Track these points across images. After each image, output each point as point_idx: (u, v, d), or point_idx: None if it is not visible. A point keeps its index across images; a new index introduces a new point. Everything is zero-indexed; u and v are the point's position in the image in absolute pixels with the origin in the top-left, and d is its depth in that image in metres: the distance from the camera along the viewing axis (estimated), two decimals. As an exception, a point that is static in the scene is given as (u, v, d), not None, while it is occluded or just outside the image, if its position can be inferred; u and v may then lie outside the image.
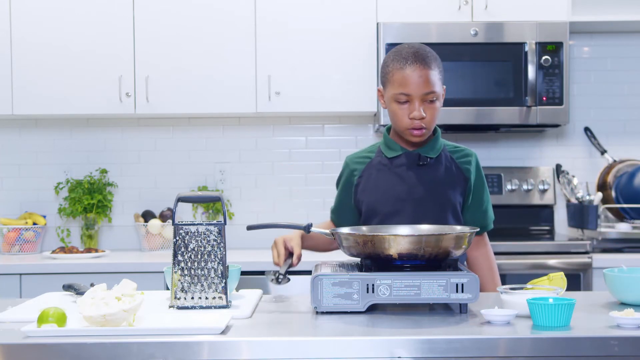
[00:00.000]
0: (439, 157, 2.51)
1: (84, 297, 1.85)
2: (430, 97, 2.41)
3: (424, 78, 2.39)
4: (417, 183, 2.48)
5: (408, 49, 2.43)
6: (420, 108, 2.40)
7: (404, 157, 2.50)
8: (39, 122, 4.21)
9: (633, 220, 4.02)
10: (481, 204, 2.56)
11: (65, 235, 4.15)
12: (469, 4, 3.87)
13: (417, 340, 1.75)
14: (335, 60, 3.89)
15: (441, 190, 2.48)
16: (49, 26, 3.86)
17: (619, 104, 4.30)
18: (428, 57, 2.41)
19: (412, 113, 2.41)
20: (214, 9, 3.88)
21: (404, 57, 2.41)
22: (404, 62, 2.40)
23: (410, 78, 2.39)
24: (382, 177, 2.51)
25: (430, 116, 2.42)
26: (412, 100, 2.41)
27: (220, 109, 3.90)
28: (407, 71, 2.40)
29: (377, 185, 2.51)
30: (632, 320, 1.83)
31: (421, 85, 2.39)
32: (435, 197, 2.47)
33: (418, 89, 2.39)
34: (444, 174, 2.50)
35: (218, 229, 2.09)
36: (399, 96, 2.41)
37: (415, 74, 2.39)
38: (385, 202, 2.48)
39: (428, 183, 2.48)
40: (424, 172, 2.49)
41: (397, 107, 2.44)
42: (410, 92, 2.40)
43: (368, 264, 2.08)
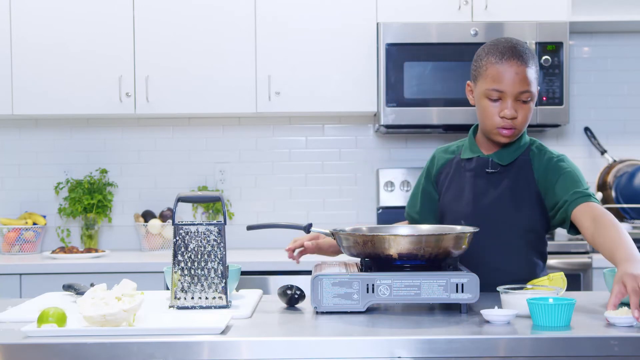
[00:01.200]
0: (512, 164, 2.35)
1: (84, 297, 1.85)
2: (524, 96, 2.26)
3: (520, 75, 2.25)
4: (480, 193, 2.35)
5: (505, 43, 2.29)
6: (512, 107, 2.26)
7: (475, 161, 2.38)
8: (39, 122, 4.21)
9: (633, 220, 4.02)
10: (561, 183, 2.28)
11: (65, 235, 4.15)
12: (469, 4, 3.87)
13: (417, 340, 1.75)
14: (335, 60, 3.89)
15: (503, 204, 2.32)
16: (49, 26, 3.86)
17: (619, 104, 4.30)
18: (526, 53, 2.27)
19: (504, 111, 2.27)
20: (214, 9, 3.88)
21: (500, 51, 2.27)
22: (500, 57, 2.26)
23: (506, 74, 2.25)
24: (455, 179, 2.41)
25: (522, 117, 2.27)
26: (505, 98, 2.27)
27: (220, 109, 3.90)
28: (503, 66, 2.25)
29: (449, 187, 2.42)
30: (625, 319, 1.83)
31: (517, 82, 2.25)
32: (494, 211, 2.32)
33: (513, 86, 2.25)
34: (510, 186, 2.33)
35: (218, 229, 2.09)
36: (491, 92, 2.27)
37: (512, 70, 2.24)
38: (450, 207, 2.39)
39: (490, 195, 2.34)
40: (489, 182, 2.35)
41: (488, 104, 2.29)
42: (504, 89, 2.26)
43: (368, 264, 2.08)
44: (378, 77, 3.85)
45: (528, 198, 2.33)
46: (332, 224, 3.50)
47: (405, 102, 3.82)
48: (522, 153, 2.37)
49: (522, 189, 2.33)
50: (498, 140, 2.33)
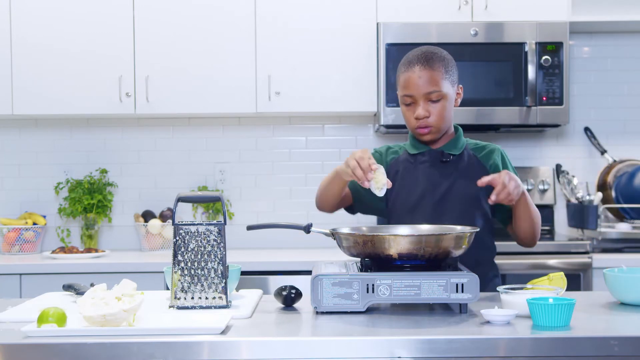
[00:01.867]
0: (461, 155, 2.54)
1: (84, 297, 1.85)
2: (433, 96, 2.45)
3: (424, 78, 2.44)
4: (440, 179, 2.51)
5: (415, 52, 2.50)
6: (423, 108, 2.45)
7: (427, 154, 2.54)
8: (39, 122, 4.21)
9: (633, 220, 4.02)
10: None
11: (65, 235, 4.15)
12: (469, 4, 3.87)
13: (417, 340, 1.75)
14: (335, 60, 3.89)
15: (464, 185, 2.49)
16: (49, 26, 3.86)
17: (619, 104, 4.30)
18: (432, 58, 2.46)
19: (416, 112, 2.46)
20: (214, 9, 3.88)
21: (409, 61, 2.48)
22: (407, 65, 2.48)
23: (411, 79, 2.45)
24: (407, 174, 2.54)
25: (435, 115, 2.46)
26: (416, 101, 2.46)
27: (220, 109, 3.90)
28: (409, 73, 2.46)
29: (401, 182, 2.53)
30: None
31: (421, 85, 2.44)
32: (457, 192, 2.49)
33: (418, 89, 2.45)
34: (467, 170, 2.52)
35: (218, 229, 2.09)
36: (404, 98, 2.48)
37: (415, 75, 2.45)
38: (408, 198, 2.51)
39: (450, 179, 2.50)
40: (446, 169, 2.52)
41: (405, 109, 2.50)
42: (412, 93, 2.46)
43: (368, 264, 2.08)
44: (378, 77, 3.85)
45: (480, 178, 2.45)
46: (332, 224, 3.49)
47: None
48: (464, 149, 2.55)
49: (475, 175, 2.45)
50: (422, 139, 2.53)
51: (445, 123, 2.50)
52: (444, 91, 2.45)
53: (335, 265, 2.17)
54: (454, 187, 2.50)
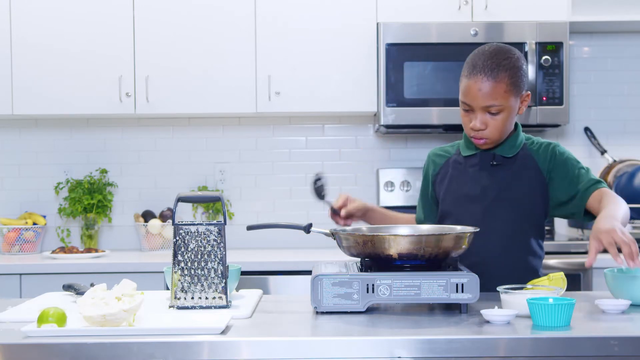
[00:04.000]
0: (516, 156, 2.41)
1: (84, 297, 1.85)
2: (493, 109, 2.31)
3: (484, 90, 2.30)
4: (489, 185, 2.40)
5: (482, 56, 2.33)
6: (480, 120, 2.33)
7: (479, 156, 2.43)
8: (39, 122, 4.21)
9: (633, 220, 4.02)
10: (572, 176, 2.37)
11: (65, 235, 4.15)
12: (469, 4, 3.87)
13: (417, 340, 1.75)
14: (335, 60, 3.89)
15: (514, 191, 2.39)
16: (49, 26, 3.86)
17: (619, 104, 4.30)
18: (499, 67, 2.30)
19: (472, 123, 2.34)
20: (214, 9, 3.88)
21: (472, 65, 2.33)
22: (470, 70, 2.33)
23: (472, 89, 2.31)
24: (455, 176, 2.45)
25: (493, 128, 2.33)
26: (474, 110, 2.34)
27: (220, 109, 3.90)
28: (470, 81, 2.32)
29: (450, 185, 2.45)
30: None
31: (480, 97, 2.30)
32: (507, 198, 2.39)
33: (477, 101, 2.31)
34: (520, 173, 2.40)
35: (218, 229, 2.09)
36: (463, 104, 2.36)
37: (476, 86, 2.30)
38: (456, 203, 2.42)
39: (500, 184, 2.40)
40: (497, 173, 2.41)
41: (462, 114, 2.39)
42: (470, 103, 2.33)
43: (368, 264, 2.08)
44: (378, 77, 3.85)
45: (535, 187, 2.39)
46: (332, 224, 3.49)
47: (405, 102, 3.82)
48: (521, 148, 2.43)
49: (529, 179, 2.39)
50: (476, 145, 2.42)
51: (504, 134, 2.37)
52: (506, 104, 2.31)
53: (335, 265, 2.17)
54: (503, 192, 2.39)
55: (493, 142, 2.38)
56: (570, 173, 2.39)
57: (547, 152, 2.42)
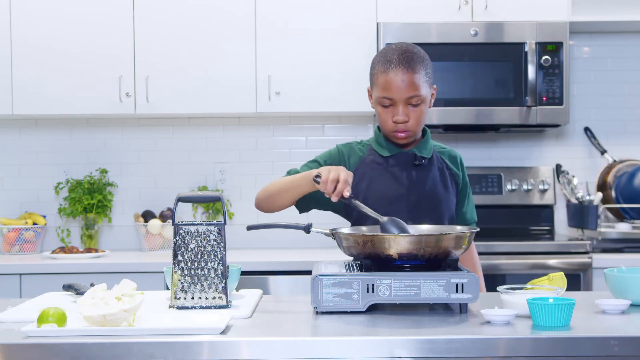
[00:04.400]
0: (431, 158, 2.49)
1: (84, 297, 1.85)
2: (414, 100, 2.38)
3: (407, 82, 2.36)
4: (414, 184, 2.45)
5: (394, 51, 2.39)
6: (403, 112, 2.38)
7: (399, 156, 2.47)
8: (39, 122, 4.21)
9: (633, 220, 4.02)
10: (464, 204, 2.56)
11: (65, 235, 4.15)
12: (469, 4, 3.87)
13: (417, 340, 1.75)
14: (335, 60, 3.89)
15: (437, 191, 2.47)
16: (49, 26, 3.86)
17: (619, 104, 4.30)
18: (413, 59, 2.37)
19: (395, 117, 2.39)
20: (214, 9, 3.88)
21: (388, 60, 2.38)
22: (387, 65, 2.37)
23: (393, 82, 2.36)
24: (377, 177, 2.46)
25: (414, 119, 2.39)
26: (396, 104, 2.39)
27: (220, 109, 3.90)
28: (390, 75, 2.36)
29: (371, 185, 2.45)
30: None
31: (403, 89, 2.36)
32: (431, 198, 2.46)
33: (400, 93, 2.36)
34: (439, 175, 2.49)
35: (218, 229, 2.09)
36: (383, 100, 2.40)
37: (398, 78, 2.36)
38: (381, 203, 2.41)
39: (424, 184, 2.46)
40: (419, 173, 2.47)
41: (382, 110, 2.42)
42: (393, 96, 2.37)
43: (368, 264, 2.08)
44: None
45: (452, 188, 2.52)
46: (332, 224, 3.49)
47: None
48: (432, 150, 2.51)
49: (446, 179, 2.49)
50: (396, 142, 2.46)
51: (421, 127, 2.44)
52: (424, 95, 2.39)
53: (335, 265, 2.17)
54: (427, 191, 2.45)
55: (413, 134, 2.44)
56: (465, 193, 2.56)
57: (456, 160, 2.55)
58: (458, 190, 2.54)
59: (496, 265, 3.61)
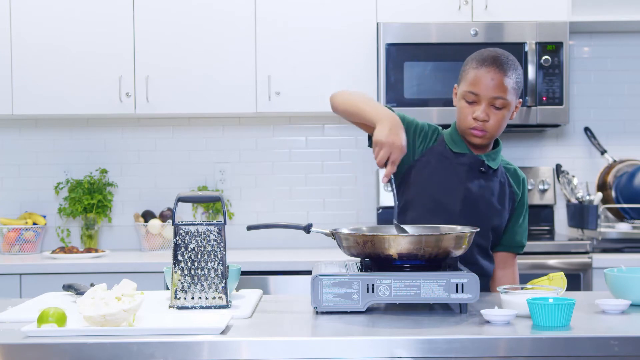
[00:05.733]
0: (496, 171, 2.47)
1: (84, 297, 1.85)
2: (498, 102, 2.36)
3: (496, 81, 2.35)
4: (473, 188, 2.43)
5: (490, 52, 2.41)
6: (485, 111, 2.37)
7: (468, 158, 2.45)
8: (39, 122, 4.21)
9: (633, 220, 4.02)
10: (517, 224, 2.53)
11: (65, 235, 4.15)
12: (469, 4, 3.87)
13: (417, 340, 1.75)
14: (335, 60, 3.89)
15: (493, 203, 2.44)
16: (49, 26, 3.86)
17: (619, 104, 4.30)
18: (507, 63, 2.37)
19: (476, 113, 2.37)
20: (214, 9, 3.88)
21: (483, 58, 2.39)
22: (481, 63, 2.38)
23: (483, 78, 2.36)
24: (441, 170, 2.44)
25: (494, 121, 2.38)
26: (480, 101, 2.38)
27: (220, 109, 3.90)
28: (481, 71, 2.37)
29: (432, 177, 2.44)
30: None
31: (491, 88, 2.35)
32: (485, 208, 2.43)
33: (487, 90, 2.36)
34: (499, 189, 2.47)
35: (218, 229, 2.09)
36: (468, 94, 2.39)
37: (488, 76, 2.36)
38: (436, 196, 2.42)
39: (483, 192, 2.43)
40: (481, 180, 2.45)
41: (464, 105, 2.41)
42: (479, 92, 2.37)
43: (368, 264, 2.08)
44: (378, 77, 3.85)
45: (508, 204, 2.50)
46: (332, 224, 3.50)
47: (405, 102, 3.82)
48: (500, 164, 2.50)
49: (505, 195, 2.48)
50: (470, 140, 2.45)
51: (499, 132, 2.43)
52: (509, 100, 2.37)
53: (335, 265, 2.17)
54: (484, 199, 2.43)
55: (490, 136, 2.42)
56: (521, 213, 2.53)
57: (519, 180, 2.53)
58: (513, 208, 2.50)
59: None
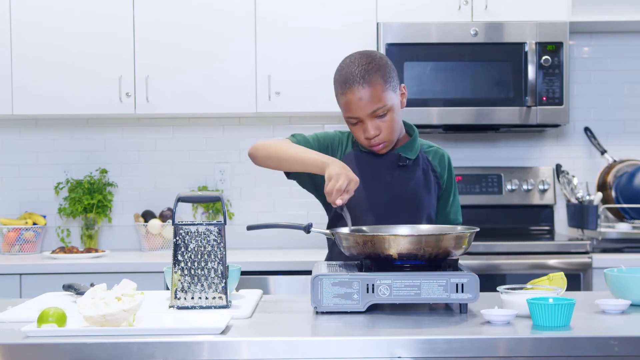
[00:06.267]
0: (416, 159, 2.46)
1: (84, 297, 1.85)
2: (379, 112, 2.33)
3: (365, 99, 2.30)
4: (396, 185, 2.43)
5: (349, 66, 2.34)
6: (372, 127, 2.34)
7: (384, 156, 2.44)
8: (39, 122, 4.21)
9: (633, 220, 4.02)
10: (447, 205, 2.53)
11: (65, 235, 4.15)
12: (469, 4, 3.87)
13: (417, 340, 1.75)
14: (335, 60, 3.81)
15: (418, 193, 2.45)
16: (49, 26, 3.86)
17: (619, 104, 4.30)
18: (369, 72, 2.31)
19: (366, 133, 2.35)
20: (214, 9, 3.88)
21: (344, 80, 2.33)
22: (344, 86, 2.33)
23: (353, 102, 2.32)
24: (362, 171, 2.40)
25: (386, 129, 2.35)
26: (363, 121, 2.34)
27: (220, 109, 3.90)
28: (348, 96, 2.32)
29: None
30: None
31: (363, 106, 2.31)
32: (412, 200, 2.44)
33: (363, 110, 2.32)
34: (422, 177, 2.46)
35: (218, 229, 2.09)
36: (349, 119, 2.37)
37: (356, 97, 2.31)
38: (361, 201, 2.39)
39: (406, 185, 2.44)
40: (402, 174, 2.44)
41: (352, 128, 2.39)
42: (357, 115, 2.33)
43: (368, 264, 2.08)
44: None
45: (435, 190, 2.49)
46: (332, 224, 3.49)
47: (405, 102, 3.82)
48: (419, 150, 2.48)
49: (429, 182, 2.47)
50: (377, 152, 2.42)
51: (397, 132, 2.41)
52: (389, 104, 2.33)
53: (335, 265, 2.17)
54: (409, 193, 2.43)
55: (390, 142, 2.40)
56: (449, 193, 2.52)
57: (443, 161, 2.51)
58: (440, 191, 2.51)
59: (496, 265, 3.61)
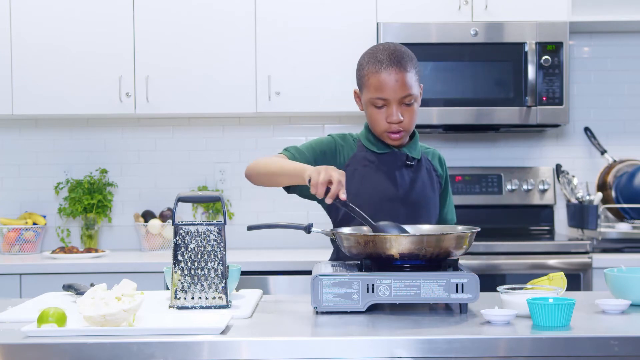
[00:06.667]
0: (420, 160, 2.50)
1: (84, 297, 1.85)
2: (407, 100, 2.35)
3: (400, 82, 2.33)
4: (406, 184, 2.44)
5: (383, 51, 2.37)
6: (397, 112, 2.36)
7: (392, 155, 2.45)
8: (39, 122, 4.21)
9: (633, 220, 4.02)
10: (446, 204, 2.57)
11: (65, 235, 4.15)
12: (469, 4, 3.87)
13: (417, 340, 1.75)
14: (335, 60, 3.89)
15: (427, 193, 2.47)
16: (49, 26, 3.86)
17: (619, 104, 4.30)
18: (404, 58, 2.35)
19: (390, 117, 2.36)
20: (214, 9, 3.88)
21: (379, 60, 2.35)
22: (379, 66, 2.35)
23: (387, 82, 2.34)
24: (370, 175, 2.43)
25: (408, 119, 2.37)
26: (389, 105, 2.36)
27: (220, 109, 3.90)
28: (382, 75, 2.34)
29: (364, 184, 2.43)
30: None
31: (398, 89, 2.34)
32: (423, 200, 2.46)
33: (394, 93, 2.34)
34: (428, 177, 2.49)
35: (218, 229, 2.09)
36: (376, 100, 2.37)
37: (392, 78, 2.33)
38: (375, 202, 2.39)
39: (415, 185, 2.45)
40: (410, 174, 2.46)
41: (375, 111, 2.39)
42: (387, 97, 2.35)
43: (368, 264, 2.08)
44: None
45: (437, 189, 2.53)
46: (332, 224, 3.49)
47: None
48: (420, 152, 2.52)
49: (433, 181, 2.51)
50: (389, 143, 2.44)
51: (413, 126, 2.43)
52: (416, 94, 2.37)
53: (336, 265, 2.17)
54: (419, 192, 2.44)
55: (407, 134, 2.43)
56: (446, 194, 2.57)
57: (441, 161, 2.57)
58: (441, 191, 2.55)
59: (496, 265, 3.61)
